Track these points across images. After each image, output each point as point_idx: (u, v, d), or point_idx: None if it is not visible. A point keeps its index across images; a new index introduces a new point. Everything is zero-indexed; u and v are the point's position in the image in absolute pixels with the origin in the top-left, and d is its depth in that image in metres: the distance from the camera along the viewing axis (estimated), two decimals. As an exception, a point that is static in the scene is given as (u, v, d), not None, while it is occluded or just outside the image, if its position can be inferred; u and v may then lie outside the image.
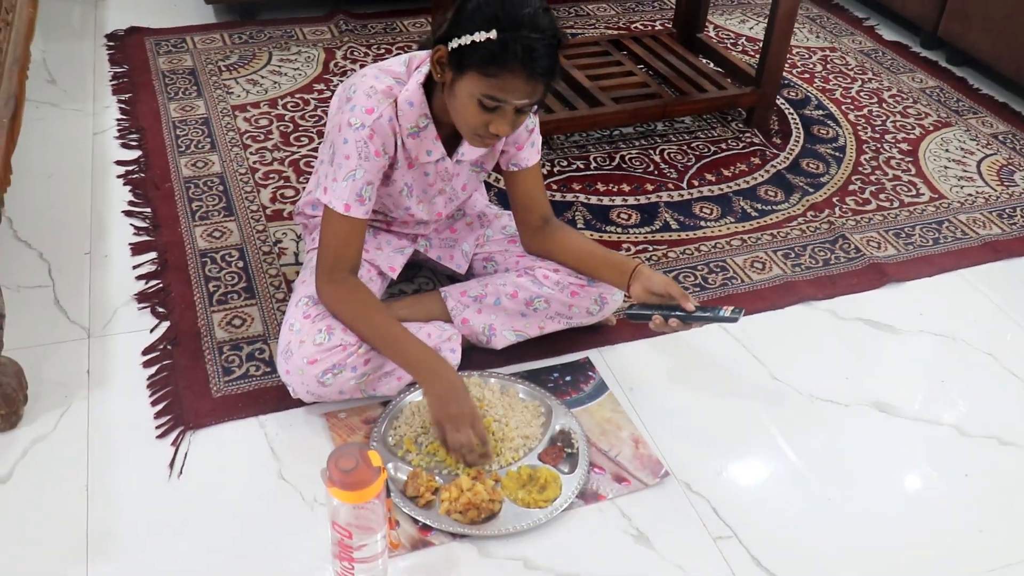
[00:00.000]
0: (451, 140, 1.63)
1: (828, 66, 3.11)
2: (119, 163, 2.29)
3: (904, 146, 2.66)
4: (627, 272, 1.66)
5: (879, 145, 2.66)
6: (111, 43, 2.86)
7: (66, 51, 2.82)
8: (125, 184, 2.22)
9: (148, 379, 1.70)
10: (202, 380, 1.69)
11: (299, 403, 1.64)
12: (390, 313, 1.63)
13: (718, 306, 1.61)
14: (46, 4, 3.10)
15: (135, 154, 2.33)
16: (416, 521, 1.46)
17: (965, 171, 2.57)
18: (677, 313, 1.59)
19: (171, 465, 1.54)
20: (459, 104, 1.47)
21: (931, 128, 2.77)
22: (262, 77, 2.74)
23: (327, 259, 1.57)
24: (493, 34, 1.38)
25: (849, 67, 3.12)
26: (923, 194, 2.45)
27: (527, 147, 1.70)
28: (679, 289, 1.61)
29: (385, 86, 1.54)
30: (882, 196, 2.42)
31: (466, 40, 1.40)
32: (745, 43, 3.23)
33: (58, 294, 1.88)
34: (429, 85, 1.56)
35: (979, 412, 1.79)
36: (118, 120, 2.46)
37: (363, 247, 1.61)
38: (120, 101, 2.55)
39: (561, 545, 1.46)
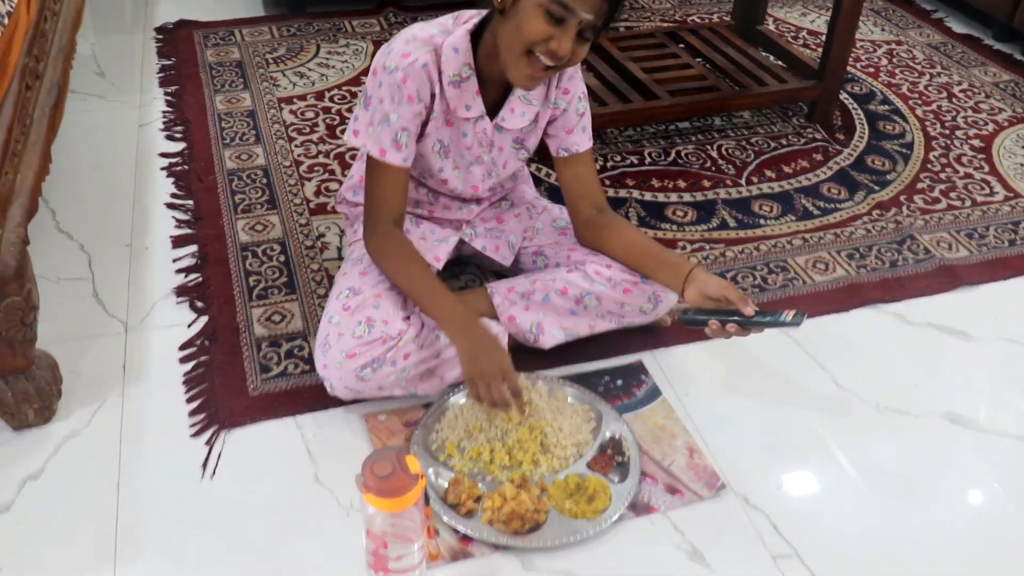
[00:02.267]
0: (493, 105, 1.59)
1: (894, 60, 2.98)
2: (163, 155, 2.26)
3: (976, 142, 2.53)
4: (682, 275, 1.57)
5: (949, 142, 2.53)
6: (160, 36, 2.84)
7: (116, 44, 2.81)
8: (168, 176, 2.19)
9: (184, 375, 1.65)
10: (239, 377, 1.64)
11: (338, 403, 1.58)
12: (428, 266, 1.59)
13: (778, 310, 1.51)
14: (98, -1, 3.12)
15: (179, 146, 2.29)
16: (456, 531, 1.39)
17: (1042, 169, 2.43)
18: (735, 319, 1.50)
19: (204, 465, 1.49)
20: (521, 20, 1.39)
21: (1006, 124, 2.63)
22: (309, 70, 2.69)
23: (369, 210, 1.56)
24: None
25: (916, 61, 2.98)
26: (997, 193, 2.32)
27: (577, 131, 1.65)
28: (737, 292, 1.52)
29: (427, 35, 1.51)
30: (953, 195, 2.30)
31: None
32: (807, 36, 3.11)
33: (97, 286, 1.84)
34: (475, 39, 1.52)
35: (1060, 426, 1.67)
36: (164, 112, 2.43)
37: (406, 197, 1.59)
38: (167, 93, 2.53)
39: (609, 560, 1.38)
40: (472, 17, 1.54)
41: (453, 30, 1.52)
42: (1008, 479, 1.57)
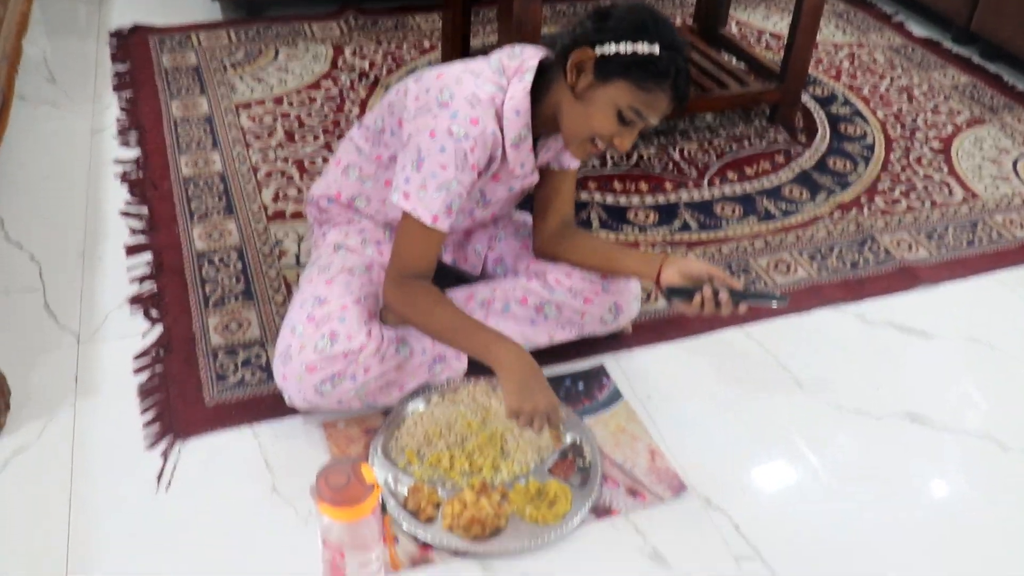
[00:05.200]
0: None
1: (855, 63, 3.02)
2: (117, 162, 2.24)
3: (936, 144, 2.57)
4: (657, 259, 1.59)
5: (909, 143, 2.56)
6: (114, 41, 2.81)
7: (69, 49, 2.79)
8: (123, 183, 2.16)
9: (138, 387, 1.63)
10: (195, 387, 1.62)
11: (295, 411, 1.57)
12: (457, 307, 1.54)
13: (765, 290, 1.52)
14: (51, 3, 3.08)
15: (134, 153, 2.27)
16: (416, 538, 1.38)
17: (1000, 170, 2.47)
18: (726, 288, 1.51)
19: (159, 477, 1.47)
20: (593, 111, 1.41)
21: (964, 126, 2.68)
22: (268, 74, 2.68)
23: (400, 266, 1.49)
24: (656, 48, 1.35)
25: (877, 64, 3.02)
26: (956, 194, 2.35)
27: None
28: (722, 272, 1.54)
29: (488, 95, 1.44)
30: (913, 196, 2.33)
31: (625, 48, 1.36)
32: (769, 39, 3.15)
33: (48, 298, 1.82)
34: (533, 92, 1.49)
35: (1021, 424, 1.69)
36: (118, 119, 2.41)
37: (437, 259, 1.54)
38: (121, 99, 2.50)
39: (571, 563, 1.38)
40: (522, 69, 1.47)
41: (506, 85, 1.47)
42: (969, 478, 1.59)
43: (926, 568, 1.43)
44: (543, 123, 1.50)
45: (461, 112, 1.40)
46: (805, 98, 2.75)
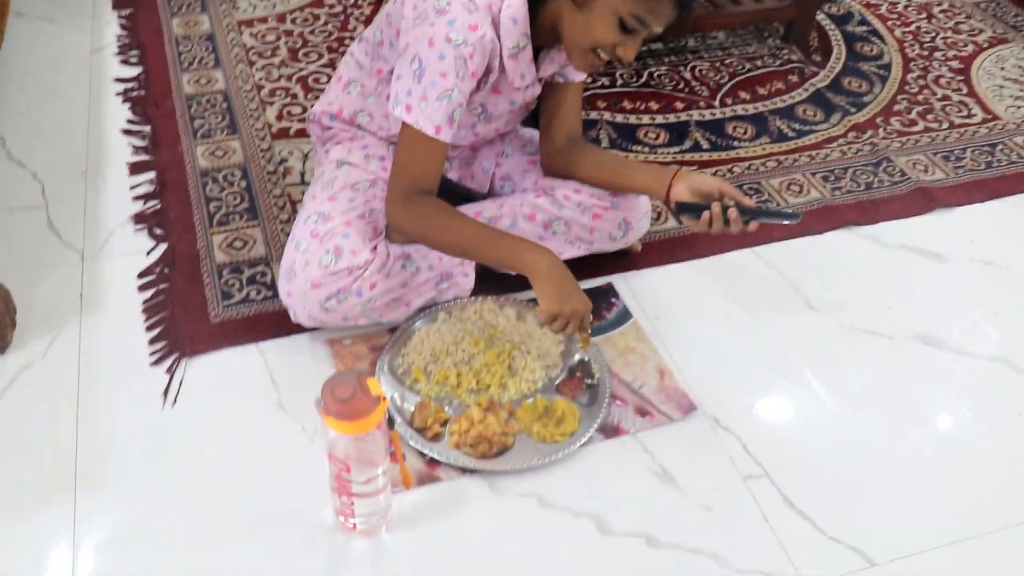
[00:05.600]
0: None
1: (873, -20, 2.93)
2: (118, 80, 2.19)
3: (955, 64, 2.50)
4: (667, 174, 1.55)
5: (927, 63, 2.50)
6: (113, -44, 2.73)
7: (66, -35, 2.71)
8: (124, 102, 2.12)
9: (143, 303, 1.62)
10: (200, 305, 1.61)
11: (302, 329, 1.56)
12: (473, 219, 1.50)
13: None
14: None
15: (135, 71, 2.23)
16: (423, 455, 1.38)
17: (1022, 91, 2.40)
18: (736, 204, 1.48)
19: (165, 393, 1.47)
20: (593, 20, 1.36)
21: (985, 45, 2.60)
22: (270, -9, 2.61)
23: (404, 181, 1.44)
24: None
25: (896, -19, 2.93)
26: (975, 115, 2.30)
27: None
28: (733, 188, 1.50)
29: (485, 2, 1.39)
30: (930, 117, 2.27)
31: None
32: (785, -44, 3.04)
33: (51, 215, 1.80)
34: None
35: (1033, 346, 1.67)
36: (118, 36, 2.35)
37: (441, 172, 1.48)
38: (120, 17, 2.44)
39: (578, 482, 1.37)
40: None
41: None
42: (979, 400, 1.57)
43: (935, 493, 1.42)
44: (544, 34, 1.45)
45: (459, 18, 1.36)
46: (820, 16, 2.66)
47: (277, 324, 1.57)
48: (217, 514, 1.31)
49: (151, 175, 1.90)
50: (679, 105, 2.24)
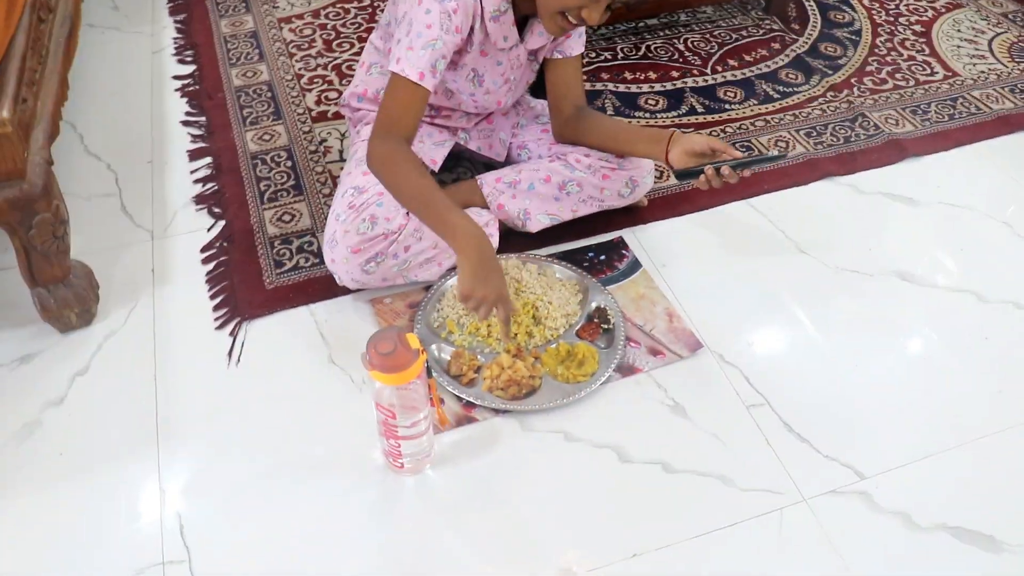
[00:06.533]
0: (520, 27, 1.43)
1: (842, -46, 2.77)
2: (176, 77, 2.10)
3: (918, 28, 2.36)
4: (664, 140, 1.45)
5: (894, 28, 2.36)
6: (166, -32, 2.62)
7: (127, -21, 2.60)
8: (182, 96, 2.03)
9: (207, 275, 1.55)
10: (256, 273, 1.54)
11: (346, 291, 1.49)
12: (434, 181, 1.35)
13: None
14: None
15: (190, 68, 2.13)
16: (460, 398, 1.31)
17: (977, 49, 2.27)
18: (727, 161, 1.39)
19: (229, 353, 1.40)
20: None
21: (943, 10, 2.45)
22: (306, -9, 2.50)
23: (384, 122, 1.34)
24: None
25: (862, -45, 2.77)
26: (937, 72, 2.17)
27: (575, 36, 1.50)
28: (721, 142, 1.41)
29: None
30: (898, 76, 2.15)
31: None
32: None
33: (124, 201, 1.73)
34: None
35: (997, 278, 1.58)
36: (174, 39, 2.26)
37: (421, 119, 1.37)
38: (176, 21, 2.34)
39: (600, 417, 1.31)
40: None
41: None
42: (951, 327, 1.49)
43: (916, 412, 1.34)
44: (525, 3, 1.36)
45: None
46: (797, -10, 2.53)
47: (324, 288, 1.50)
48: (279, 458, 1.25)
49: (208, 160, 1.82)
50: (675, 74, 2.13)
